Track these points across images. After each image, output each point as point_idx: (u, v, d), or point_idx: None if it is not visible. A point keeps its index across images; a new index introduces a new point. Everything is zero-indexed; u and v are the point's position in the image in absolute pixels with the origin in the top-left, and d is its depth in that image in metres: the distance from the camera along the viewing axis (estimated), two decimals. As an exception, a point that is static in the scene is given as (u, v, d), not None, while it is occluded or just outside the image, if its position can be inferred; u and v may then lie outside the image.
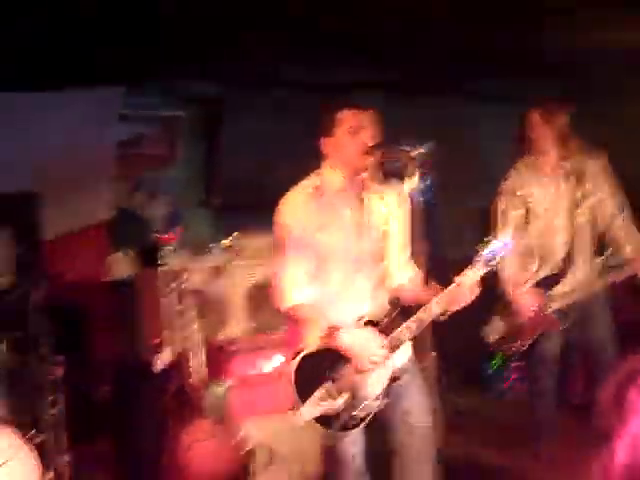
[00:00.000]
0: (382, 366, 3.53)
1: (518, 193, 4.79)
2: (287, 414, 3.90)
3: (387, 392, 3.55)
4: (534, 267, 4.83)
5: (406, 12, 4.81)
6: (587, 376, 5.37)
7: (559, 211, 4.74)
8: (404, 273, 3.77)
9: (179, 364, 4.65)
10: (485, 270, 3.48)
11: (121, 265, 6.09)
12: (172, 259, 5.09)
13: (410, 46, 5.73)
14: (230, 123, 6.36)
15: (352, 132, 3.52)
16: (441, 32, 5.38)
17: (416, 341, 3.61)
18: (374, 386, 3.53)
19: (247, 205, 6.23)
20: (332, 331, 3.41)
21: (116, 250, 6.07)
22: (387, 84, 6.52)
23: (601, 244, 4.82)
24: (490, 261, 3.48)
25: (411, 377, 3.60)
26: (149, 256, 5.19)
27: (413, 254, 3.65)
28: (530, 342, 4.81)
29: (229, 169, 6.38)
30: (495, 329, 4.89)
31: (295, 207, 3.54)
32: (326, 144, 3.59)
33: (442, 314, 3.47)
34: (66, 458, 4.26)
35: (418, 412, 3.55)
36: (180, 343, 4.64)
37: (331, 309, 3.53)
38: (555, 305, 4.74)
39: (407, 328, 3.48)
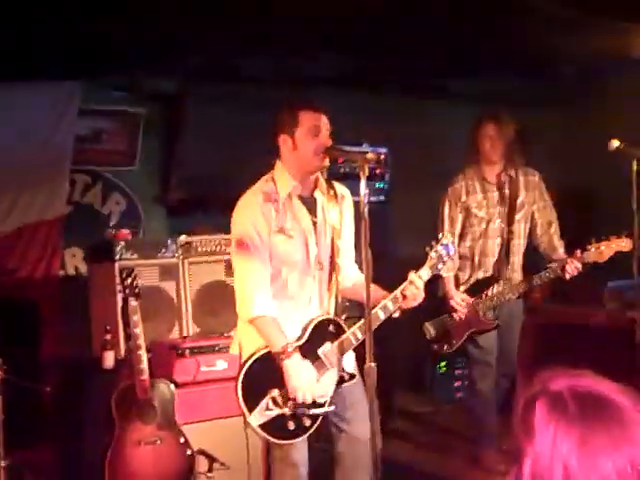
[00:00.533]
0: (332, 370, 3.53)
1: (463, 199, 5.12)
2: (230, 420, 3.87)
3: (333, 399, 3.54)
4: (473, 268, 5.17)
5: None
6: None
7: (497, 216, 5.09)
8: (352, 273, 3.82)
9: (127, 363, 4.55)
10: (434, 271, 3.61)
11: (74, 260, 6.01)
12: (126, 255, 5.00)
13: (374, 41, 5.72)
14: (191, 120, 6.30)
15: (312, 133, 3.53)
16: (411, 29, 5.38)
17: (357, 350, 3.60)
18: (321, 391, 3.53)
19: (204, 202, 6.22)
20: (284, 353, 3.42)
21: (70, 245, 5.99)
22: (345, 81, 6.51)
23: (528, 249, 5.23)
24: (438, 262, 3.61)
25: (353, 386, 3.59)
26: (103, 252, 5.10)
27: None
28: (462, 341, 5.13)
29: (188, 165, 6.32)
30: (432, 328, 5.17)
31: (249, 213, 3.53)
32: (284, 142, 3.59)
33: (395, 312, 3.54)
34: (2, 463, 4.16)
35: (358, 422, 3.54)
36: (129, 341, 4.54)
37: (285, 314, 3.54)
38: (488, 305, 5.09)
39: (359, 329, 3.49)
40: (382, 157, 6.15)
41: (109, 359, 4.78)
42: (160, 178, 6.41)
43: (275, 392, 3.43)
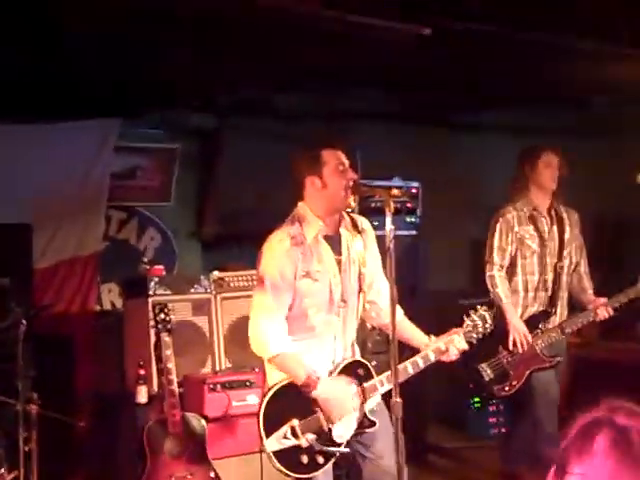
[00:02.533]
0: (354, 413, 3.53)
1: (516, 229, 4.94)
2: (260, 455, 3.88)
3: (353, 439, 3.54)
4: (532, 301, 4.93)
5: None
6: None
7: (549, 251, 4.94)
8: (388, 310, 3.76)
9: (160, 397, 4.60)
10: (468, 338, 3.67)
11: (110, 296, 6.09)
12: (160, 291, 5.07)
13: (407, 75, 5.76)
14: (226, 155, 6.38)
15: (340, 171, 3.55)
16: (442, 63, 5.41)
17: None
18: (341, 431, 3.53)
19: (239, 237, 6.26)
20: (310, 382, 3.43)
21: (106, 281, 6.08)
22: (380, 115, 6.56)
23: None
24: (473, 332, 3.69)
25: (380, 420, 3.58)
26: (138, 287, 5.18)
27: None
28: (522, 382, 4.82)
29: (223, 200, 6.39)
30: (489, 369, 4.87)
31: (277, 260, 3.53)
32: (312, 183, 3.58)
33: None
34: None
35: (389, 455, 3.51)
36: (162, 376, 4.58)
37: (310, 353, 3.55)
38: (544, 342, 4.85)
39: (386, 378, 3.49)
40: (413, 191, 6.15)
41: (142, 394, 4.82)
42: (195, 213, 6.48)
43: (295, 422, 3.44)
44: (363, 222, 3.77)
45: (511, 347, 4.81)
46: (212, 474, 4.35)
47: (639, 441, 1.34)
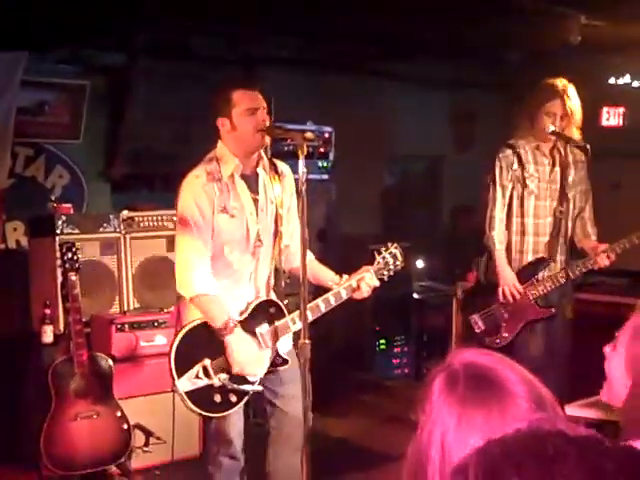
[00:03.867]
0: (267, 350, 3.56)
1: (515, 167, 4.67)
2: (168, 394, 3.89)
3: (265, 377, 3.58)
4: (528, 246, 4.68)
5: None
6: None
7: (550, 194, 4.65)
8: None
9: (66, 337, 4.54)
10: (378, 276, 3.70)
11: (15, 234, 5.94)
12: (67, 230, 4.97)
13: (324, 24, 5.72)
14: (139, 95, 6.25)
15: (249, 113, 3.56)
16: (359, 13, 5.37)
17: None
18: (253, 371, 3.55)
19: (149, 178, 6.19)
20: (225, 328, 3.46)
21: (11, 219, 5.92)
22: (292, 61, 6.51)
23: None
24: (384, 269, 3.73)
25: (290, 365, 3.62)
26: (44, 226, 5.06)
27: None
28: (515, 334, 4.62)
29: (134, 141, 6.28)
30: (480, 320, 4.69)
31: (193, 193, 3.56)
32: (223, 124, 3.62)
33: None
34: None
35: (291, 399, 3.58)
36: (69, 316, 4.51)
37: (226, 293, 3.57)
38: (539, 292, 4.61)
39: (298, 316, 3.51)
40: (326, 136, 6.15)
41: (48, 333, 4.76)
42: (105, 153, 6.35)
43: (207, 362, 3.46)
44: (284, 167, 3.81)
45: (501, 298, 4.61)
46: (118, 413, 4.33)
47: (464, 379, 1.39)
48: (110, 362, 4.40)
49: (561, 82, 4.55)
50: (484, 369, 1.41)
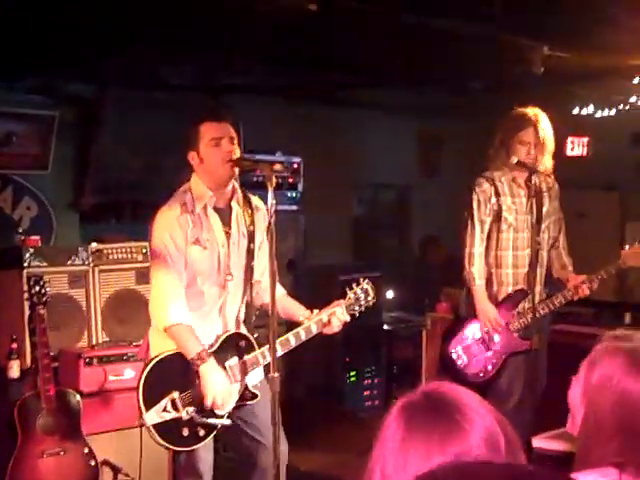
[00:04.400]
0: (235, 384, 3.55)
1: (493, 201, 4.66)
2: (137, 430, 3.85)
3: (234, 412, 3.56)
4: (508, 278, 4.69)
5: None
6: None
7: (527, 225, 4.63)
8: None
9: (33, 372, 4.47)
10: (349, 311, 3.71)
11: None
12: (35, 262, 4.92)
13: (292, 53, 5.76)
14: (108, 125, 6.24)
15: (213, 143, 3.59)
16: (316, 42, 5.41)
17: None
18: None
19: (118, 208, 6.16)
20: (199, 359, 3.46)
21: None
22: (264, 89, 6.54)
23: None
24: (355, 305, 3.74)
25: (261, 396, 3.61)
26: (12, 258, 5.00)
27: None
28: (499, 366, 4.62)
29: (103, 171, 6.25)
30: (464, 354, 4.67)
31: (167, 225, 3.58)
32: (193, 158, 3.65)
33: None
34: None
35: (266, 431, 3.56)
36: (36, 350, 4.46)
37: (198, 324, 3.57)
38: (520, 322, 4.63)
39: (268, 350, 3.50)
40: (295, 166, 6.16)
41: (14, 368, 4.69)
42: (74, 183, 6.31)
43: (176, 394, 3.45)
44: (257, 202, 3.83)
45: (482, 333, 4.62)
46: (86, 450, 4.27)
47: (417, 405, 1.36)
48: (78, 397, 4.34)
49: (532, 111, 4.59)
50: (446, 398, 1.36)
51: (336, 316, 3.67)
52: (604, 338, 1.96)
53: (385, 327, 7.09)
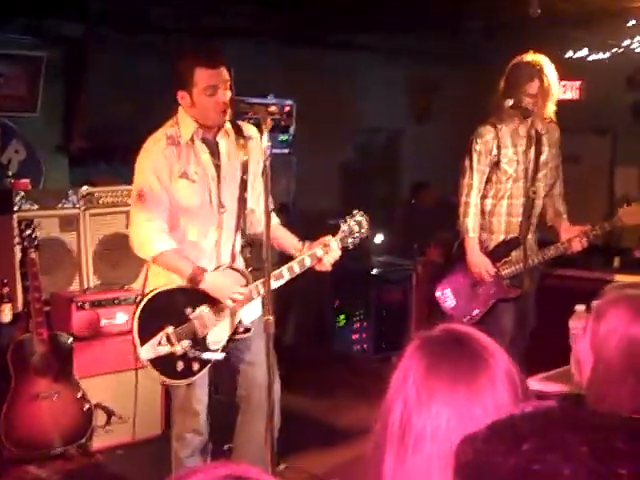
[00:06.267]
0: (228, 318, 3.55)
1: (494, 152, 4.61)
2: (130, 373, 3.87)
3: (228, 346, 3.57)
4: (501, 226, 4.68)
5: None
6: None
7: (525, 174, 4.59)
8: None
9: (26, 316, 4.47)
10: (343, 244, 3.66)
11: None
12: (26, 206, 4.88)
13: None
14: (97, 67, 6.14)
15: (208, 92, 3.50)
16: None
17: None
18: (215, 337, 3.56)
19: (108, 151, 6.09)
20: (197, 273, 3.46)
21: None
22: (256, 32, 6.45)
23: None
24: (348, 237, 3.68)
25: (256, 334, 3.61)
26: (1, 202, 4.96)
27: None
28: (485, 311, 4.64)
29: (92, 114, 6.17)
30: (452, 296, 4.72)
31: (152, 159, 3.52)
32: (182, 97, 3.56)
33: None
34: None
35: (261, 365, 3.57)
36: (28, 293, 4.45)
37: (191, 257, 3.55)
38: (511, 270, 4.62)
39: (262, 284, 3.49)
40: (287, 109, 6.09)
41: (6, 312, 4.68)
42: (63, 126, 6.23)
43: (170, 329, 3.45)
44: (250, 129, 3.73)
45: (471, 279, 4.63)
46: (79, 393, 4.29)
47: (438, 339, 1.38)
48: (71, 341, 4.35)
49: (537, 60, 4.48)
50: (467, 335, 1.38)
51: (330, 249, 3.62)
52: (607, 289, 1.97)
53: (374, 271, 7.10)
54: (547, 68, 4.47)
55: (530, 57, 4.50)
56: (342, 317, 6.83)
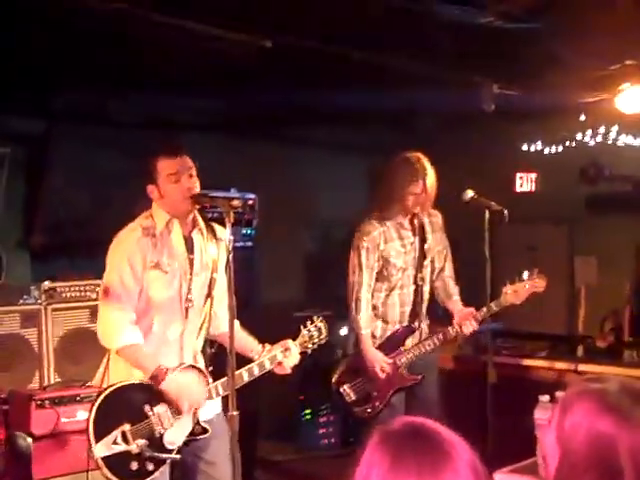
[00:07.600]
0: (187, 418, 3.51)
1: (381, 247, 4.73)
2: (91, 473, 3.78)
3: (183, 447, 3.51)
4: (394, 317, 4.78)
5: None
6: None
7: (412, 263, 4.78)
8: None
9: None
10: (303, 349, 3.77)
11: None
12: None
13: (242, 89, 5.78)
14: (57, 161, 6.17)
15: (172, 180, 3.58)
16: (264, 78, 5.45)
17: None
18: (172, 438, 3.51)
19: (70, 247, 6.07)
20: (160, 373, 3.43)
21: None
22: (216, 126, 6.55)
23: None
24: (309, 342, 3.79)
25: (218, 431, 3.57)
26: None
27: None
28: (385, 403, 4.71)
29: (53, 209, 6.17)
30: (352, 391, 4.78)
31: (126, 248, 3.56)
32: (151, 191, 3.64)
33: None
34: None
35: (221, 464, 3.52)
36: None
37: (155, 353, 3.55)
38: (407, 360, 4.73)
39: (221, 385, 3.49)
40: (250, 202, 6.14)
41: (-36, 411, 4.57)
42: (24, 221, 6.21)
43: (127, 427, 3.41)
44: (222, 232, 3.77)
45: (372, 374, 4.70)
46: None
47: (398, 433, 1.39)
48: (29, 441, 4.24)
49: (419, 161, 4.67)
50: (428, 429, 1.39)
51: (290, 353, 3.68)
52: (573, 383, 2.00)
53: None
54: (428, 169, 4.65)
55: (414, 158, 4.68)
56: (308, 411, 6.76)
